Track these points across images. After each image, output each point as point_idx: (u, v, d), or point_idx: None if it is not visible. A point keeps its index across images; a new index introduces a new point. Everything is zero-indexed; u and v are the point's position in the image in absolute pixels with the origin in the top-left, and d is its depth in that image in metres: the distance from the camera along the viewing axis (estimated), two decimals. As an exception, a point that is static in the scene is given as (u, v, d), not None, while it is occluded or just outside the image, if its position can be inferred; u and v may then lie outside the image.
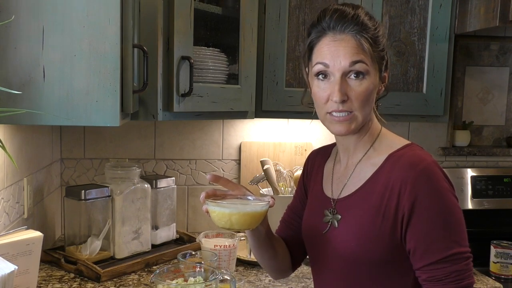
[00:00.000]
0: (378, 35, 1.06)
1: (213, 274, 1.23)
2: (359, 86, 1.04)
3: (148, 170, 2.09)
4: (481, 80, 2.34)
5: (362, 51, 1.03)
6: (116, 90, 1.17)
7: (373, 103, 1.09)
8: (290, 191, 2.07)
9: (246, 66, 1.75)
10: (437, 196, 1.02)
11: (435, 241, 1.01)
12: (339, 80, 1.03)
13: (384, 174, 1.06)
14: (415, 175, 1.01)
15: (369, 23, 1.05)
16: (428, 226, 1.02)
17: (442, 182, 1.03)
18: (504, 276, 1.78)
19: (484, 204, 2.26)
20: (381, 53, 1.07)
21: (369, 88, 1.05)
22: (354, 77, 1.04)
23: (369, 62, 1.04)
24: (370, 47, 1.04)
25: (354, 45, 1.03)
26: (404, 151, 1.07)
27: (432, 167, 1.03)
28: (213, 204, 1.08)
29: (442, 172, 1.05)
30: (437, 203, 1.02)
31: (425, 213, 1.01)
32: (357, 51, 1.03)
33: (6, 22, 1.08)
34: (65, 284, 1.53)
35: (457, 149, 2.30)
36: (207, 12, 1.70)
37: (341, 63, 1.03)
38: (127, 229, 1.71)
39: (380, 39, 1.07)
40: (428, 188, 1.01)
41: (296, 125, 2.19)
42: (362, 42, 1.03)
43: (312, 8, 1.81)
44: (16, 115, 1.11)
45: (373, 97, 1.08)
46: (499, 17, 1.77)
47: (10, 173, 1.43)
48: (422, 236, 1.02)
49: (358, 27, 1.03)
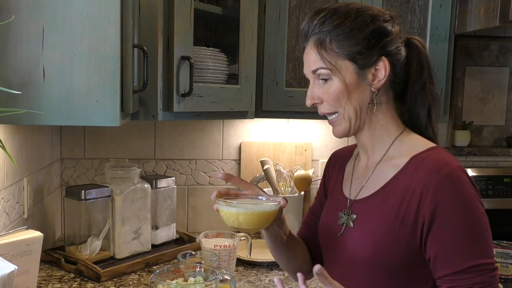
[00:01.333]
0: (345, 31, 1.03)
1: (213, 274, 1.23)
2: (328, 88, 1.07)
3: (148, 170, 2.09)
4: (481, 80, 2.34)
5: (320, 57, 1.05)
6: (116, 90, 1.17)
7: (357, 101, 1.06)
8: (290, 191, 2.07)
9: (246, 66, 1.75)
10: (461, 202, 0.97)
11: (459, 249, 0.97)
12: (311, 86, 1.10)
13: (406, 176, 1.03)
14: (438, 180, 0.97)
15: (330, 24, 1.04)
16: (451, 233, 0.97)
17: (468, 189, 0.98)
18: (504, 276, 1.78)
19: (484, 204, 2.24)
20: (352, 50, 1.03)
21: (338, 89, 1.05)
22: (323, 82, 1.08)
23: (331, 65, 1.05)
24: (330, 50, 1.04)
25: (313, 53, 1.07)
26: (428, 154, 1.03)
27: (458, 172, 0.98)
28: (222, 203, 1.09)
29: (469, 178, 1.00)
30: (462, 209, 0.97)
31: (449, 220, 0.97)
32: (315, 59, 1.07)
33: (6, 22, 1.08)
34: (65, 284, 1.53)
35: (457, 149, 2.30)
36: (207, 12, 1.70)
37: (308, 72, 1.10)
38: (127, 229, 1.71)
39: (353, 34, 1.03)
40: (452, 193, 0.97)
41: (296, 125, 2.19)
42: (320, 48, 1.05)
43: (312, 8, 1.81)
44: (16, 115, 1.11)
45: (353, 95, 1.05)
46: (499, 17, 1.77)
47: (10, 173, 1.43)
48: (444, 244, 0.97)
49: (317, 33, 1.06)
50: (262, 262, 1.74)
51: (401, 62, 1.07)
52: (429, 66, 1.10)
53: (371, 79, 1.05)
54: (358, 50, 1.03)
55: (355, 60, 1.04)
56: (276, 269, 1.72)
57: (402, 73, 1.08)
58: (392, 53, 1.06)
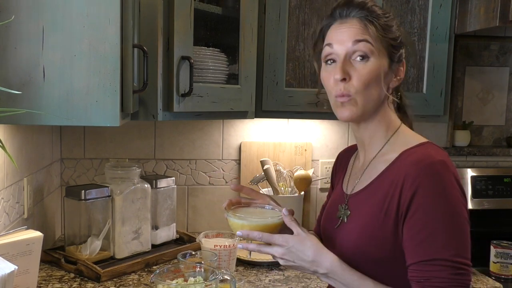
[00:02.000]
0: (387, 23, 1.08)
1: (213, 274, 1.23)
2: (363, 67, 1.06)
3: (148, 170, 2.09)
4: (481, 80, 2.34)
5: (367, 31, 1.06)
6: (116, 90, 1.17)
7: (379, 90, 1.08)
8: (290, 191, 2.07)
9: (246, 66, 1.75)
10: (437, 194, 0.98)
11: (431, 237, 0.97)
12: (343, 59, 1.07)
13: (393, 170, 1.06)
14: (418, 171, 0.99)
15: (378, 11, 1.09)
16: (422, 222, 0.97)
17: (448, 182, 0.99)
18: (504, 276, 1.78)
19: (484, 204, 2.25)
20: (392, 41, 1.08)
21: (373, 70, 1.05)
22: (359, 59, 1.06)
23: (375, 43, 1.06)
24: (376, 30, 1.06)
25: (359, 27, 1.07)
26: (417, 149, 1.06)
27: (438, 164, 0.99)
28: (230, 215, 1.15)
29: (452, 174, 1.00)
30: (438, 200, 0.97)
31: (423, 208, 0.98)
32: (361, 32, 1.06)
33: (6, 22, 1.08)
34: (65, 284, 1.53)
35: (457, 149, 2.30)
36: (207, 12, 1.70)
37: (345, 43, 1.07)
38: (127, 229, 1.71)
39: (392, 28, 1.09)
40: (429, 183, 0.98)
41: (296, 125, 2.19)
42: (367, 24, 1.06)
43: (312, 8, 1.81)
44: (16, 115, 1.11)
45: (379, 83, 1.07)
46: (499, 17, 1.77)
47: (10, 173, 1.43)
48: (414, 232, 0.98)
49: (364, 12, 1.07)
50: (262, 262, 1.74)
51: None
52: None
53: (395, 75, 1.11)
54: (394, 45, 1.09)
55: (391, 52, 1.09)
56: (276, 269, 1.72)
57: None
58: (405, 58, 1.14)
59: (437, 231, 0.97)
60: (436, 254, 0.96)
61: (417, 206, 0.99)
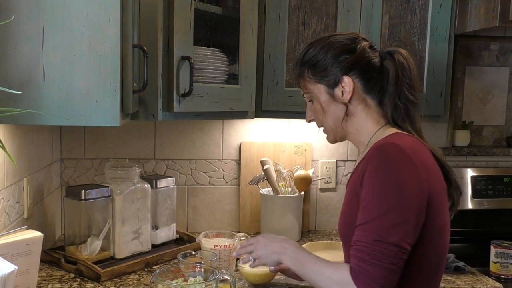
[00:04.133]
0: (311, 65, 1.26)
1: (213, 274, 1.23)
2: (313, 108, 1.32)
3: (148, 170, 2.09)
4: (481, 80, 2.34)
5: (302, 86, 1.31)
6: (116, 90, 1.17)
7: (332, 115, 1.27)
8: (290, 191, 2.07)
9: (246, 66, 1.75)
10: (381, 168, 1.08)
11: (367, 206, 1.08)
12: (307, 107, 1.35)
13: (363, 161, 1.16)
14: (371, 152, 1.12)
15: (304, 57, 1.28)
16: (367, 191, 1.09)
17: (395, 159, 1.08)
18: (504, 276, 1.77)
19: (484, 204, 2.25)
20: (320, 75, 1.25)
21: (317, 108, 1.30)
22: (310, 103, 1.33)
23: (309, 90, 1.29)
24: (305, 79, 1.29)
25: (300, 83, 1.33)
26: (383, 138, 1.17)
27: (389, 146, 1.10)
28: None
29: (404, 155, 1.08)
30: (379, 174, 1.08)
31: (368, 181, 1.09)
32: (301, 87, 1.33)
33: (6, 22, 1.08)
34: (65, 284, 1.53)
35: (457, 149, 2.30)
36: (207, 12, 1.70)
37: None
38: (127, 229, 1.71)
39: (315, 66, 1.26)
40: (376, 160, 1.10)
41: (296, 125, 2.19)
42: (300, 79, 1.31)
43: (312, 8, 1.81)
44: (16, 115, 1.11)
45: (329, 110, 1.27)
46: (499, 17, 1.77)
47: (10, 173, 1.43)
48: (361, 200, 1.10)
49: (297, 69, 1.31)
50: (262, 262, 1.74)
51: (374, 73, 1.24)
52: (407, 75, 1.23)
53: (340, 95, 1.24)
54: (323, 74, 1.25)
55: (324, 82, 1.26)
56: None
57: (377, 82, 1.24)
58: (358, 68, 1.23)
59: (372, 201, 1.08)
60: (364, 219, 1.08)
61: (365, 181, 1.11)
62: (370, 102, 1.25)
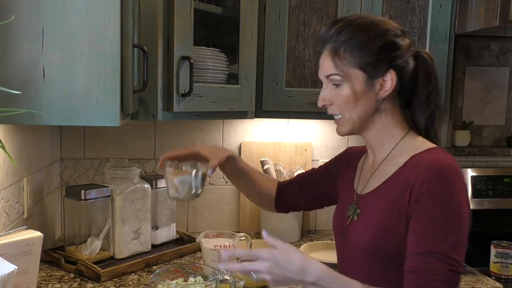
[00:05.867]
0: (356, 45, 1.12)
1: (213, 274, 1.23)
2: (338, 93, 1.15)
3: (148, 170, 2.09)
4: (481, 80, 2.34)
5: (334, 64, 1.14)
6: (116, 90, 1.17)
7: (363, 108, 1.14)
8: (290, 191, 2.06)
9: (246, 66, 1.75)
10: (446, 194, 1.03)
11: (432, 232, 1.02)
12: (323, 89, 1.19)
13: (404, 173, 1.10)
14: (429, 172, 1.04)
15: (347, 35, 1.13)
16: (430, 216, 1.02)
17: (454, 187, 1.04)
18: (504, 276, 1.77)
19: (484, 204, 2.25)
20: (364, 61, 1.12)
21: (347, 95, 1.14)
22: (334, 86, 1.16)
23: (343, 73, 1.13)
24: (343, 59, 1.13)
25: (328, 60, 1.16)
26: (426, 154, 1.11)
27: (449, 169, 1.05)
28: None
29: (460, 178, 1.06)
30: (445, 200, 1.02)
31: (428, 208, 1.03)
32: (328, 66, 1.16)
33: (6, 22, 1.08)
34: (65, 284, 1.53)
35: (457, 149, 2.30)
36: (207, 12, 1.70)
37: (322, 76, 1.19)
38: (127, 229, 1.71)
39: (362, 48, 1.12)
40: (439, 185, 1.03)
41: (296, 125, 2.19)
42: (334, 56, 1.14)
43: (312, 8, 1.81)
44: (16, 115, 1.11)
45: (360, 101, 1.14)
46: (499, 17, 1.77)
47: (10, 173, 1.43)
48: (421, 224, 1.03)
49: (332, 42, 1.15)
50: (262, 262, 1.74)
51: (408, 74, 1.15)
52: (435, 77, 1.17)
53: (378, 88, 1.13)
54: (368, 61, 1.12)
55: (365, 70, 1.12)
56: (276, 269, 1.72)
57: (409, 84, 1.16)
58: (400, 66, 1.13)
59: (439, 228, 1.02)
60: (434, 247, 1.01)
61: (425, 204, 1.03)
62: (397, 104, 1.17)
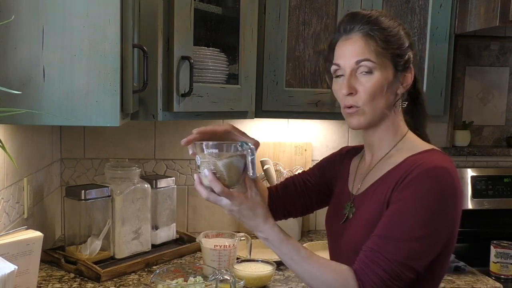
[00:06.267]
0: (391, 34, 1.11)
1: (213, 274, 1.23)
2: (367, 81, 1.10)
3: (148, 170, 2.09)
4: (481, 80, 2.34)
5: (368, 49, 1.10)
6: (116, 90, 1.17)
7: (386, 99, 1.12)
8: (290, 191, 2.06)
9: (246, 66, 1.75)
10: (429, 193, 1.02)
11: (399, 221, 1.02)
12: (348, 76, 1.12)
13: (396, 173, 1.09)
14: (418, 172, 1.03)
15: (382, 23, 1.11)
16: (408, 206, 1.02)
17: (444, 188, 1.02)
18: (504, 276, 1.77)
19: (484, 204, 2.25)
20: (396, 51, 1.11)
21: (377, 84, 1.10)
22: (364, 73, 1.11)
23: (377, 60, 1.10)
24: (378, 45, 1.10)
25: (361, 44, 1.11)
26: (422, 155, 1.10)
27: (440, 171, 1.03)
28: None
29: (451, 182, 1.03)
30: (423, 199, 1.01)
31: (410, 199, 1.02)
32: (363, 50, 1.10)
33: (6, 22, 1.08)
34: (65, 284, 1.53)
35: (457, 149, 2.30)
36: (207, 12, 1.70)
37: (349, 62, 1.12)
38: (127, 229, 1.71)
39: (396, 38, 1.12)
40: (426, 182, 1.02)
41: (296, 125, 2.19)
42: (369, 40, 1.10)
43: (312, 8, 1.81)
44: (16, 115, 1.11)
45: (385, 93, 1.11)
46: (499, 17, 1.77)
47: (10, 173, 1.43)
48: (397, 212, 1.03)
49: (366, 26, 1.11)
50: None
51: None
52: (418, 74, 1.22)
53: (401, 82, 1.14)
54: (399, 54, 1.12)
55: (395, 62, 1.12)
56: (276, 269, 1.71)
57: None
58: (414, 64, 1.17)
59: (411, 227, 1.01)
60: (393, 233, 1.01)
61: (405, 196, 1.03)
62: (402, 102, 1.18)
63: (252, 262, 1.61)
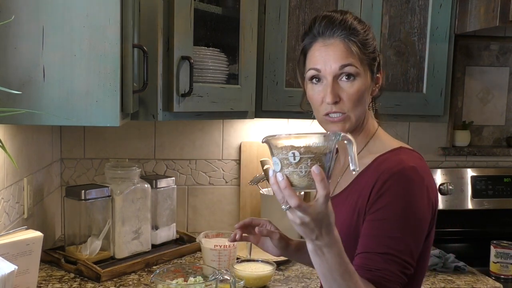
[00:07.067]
0: (367, 38, 1.11)
1: (213, 274, 1.23)
2: (351, 87, 1.08)
3: (148, 170, 2.09)
4: (481, 80, 2.34)
5: (351, 54, 1.08)
6: (116, 90, 1.17)
7: (366, 103, 1.12)
8: (290, 191, 2.06)
9: (246, 66, 1.75)
10: (404, 195, 1.01)
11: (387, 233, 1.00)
12: (331, 83, 1.08)
13: (367, 175, 1.09)
14: (388, 176, 1.03)
15: (358, 27, 1.10)
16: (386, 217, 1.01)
17: (416, 186, 1.02)
18: (504, 276, 1.77)
19: (484, 204, 2.25)
20: (371, 55, 1.11)
21: (361, 89, 1.09)
22: (346, 79, 1.08)
23: (359, 64, 1.08)
24: (359, 50, 1.08)
25: (343, 49, 1.08)
26: (390, 155, 1.09)
27: (408, 171, 1.03)
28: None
29: (420, 180, 1.03)
30: (402, 201, 1.01)
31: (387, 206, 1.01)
32: (346, 55, 1.08)
33: (6, 22, 1.08)
34: (65, 284, 1.53)
35: (457, 149, 2.30)
36: (207, 12, 1.70)
37: (332, 67, 1.08)
38: (127, 229, 1.71)
39: (370, 41, 1.11)
40: (398, 186, 1.02)
41: (296, 125, 2.19)
42: (351, 45, 1.08)
43: (312, 8, 1.81)
44: (16, 115, 1.11)
45: (365, 97, 1.11)
46: (499, 17, 1.77)
47: (10, 173, 1.43)
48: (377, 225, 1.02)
49: (346, 31, 1.08)
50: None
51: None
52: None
53: (375, 85, 1.14)
54: (373, 57, 1.12)
55: (371, 66, 1.12)
56: (276, 269, 1.71)
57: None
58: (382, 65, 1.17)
59: (394, 229, 1.01)
60: (389, 249, 1.00)
61: (381, 205, 1.02)
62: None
63: (252, 262, 1.61)
